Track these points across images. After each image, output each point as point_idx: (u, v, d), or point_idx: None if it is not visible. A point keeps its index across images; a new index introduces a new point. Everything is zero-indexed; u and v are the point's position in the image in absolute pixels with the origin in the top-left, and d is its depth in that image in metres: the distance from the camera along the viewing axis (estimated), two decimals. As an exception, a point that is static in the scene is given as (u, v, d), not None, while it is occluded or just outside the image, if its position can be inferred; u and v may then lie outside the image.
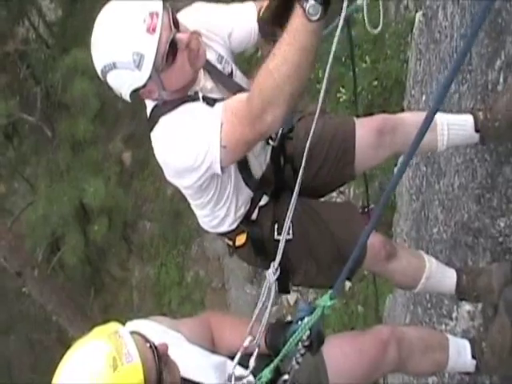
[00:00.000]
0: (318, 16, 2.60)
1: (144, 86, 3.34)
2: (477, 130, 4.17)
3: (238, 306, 14.46)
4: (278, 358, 3.11)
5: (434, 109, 1.95)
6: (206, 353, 3.41)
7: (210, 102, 3.46)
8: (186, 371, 3.06)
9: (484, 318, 4.79)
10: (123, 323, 2.94)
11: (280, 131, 3.78)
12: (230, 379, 3.24)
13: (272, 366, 3.15)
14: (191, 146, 3.30)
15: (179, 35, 3.30)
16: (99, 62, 3.37)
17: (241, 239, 3.91)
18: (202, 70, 3.56)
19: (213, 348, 3.53)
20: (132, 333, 2.81)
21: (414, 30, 6.77)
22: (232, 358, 3.33)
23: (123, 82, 3.36)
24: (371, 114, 4.34)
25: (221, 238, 4.13)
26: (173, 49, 3.28)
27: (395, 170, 6.93)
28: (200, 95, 3.47)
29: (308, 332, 2.98)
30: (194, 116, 3.36)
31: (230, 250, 4.07)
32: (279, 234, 3.80)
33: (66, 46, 17.58)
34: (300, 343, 3.04)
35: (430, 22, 6.01)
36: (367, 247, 3.83)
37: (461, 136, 4.21)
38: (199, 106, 3.43)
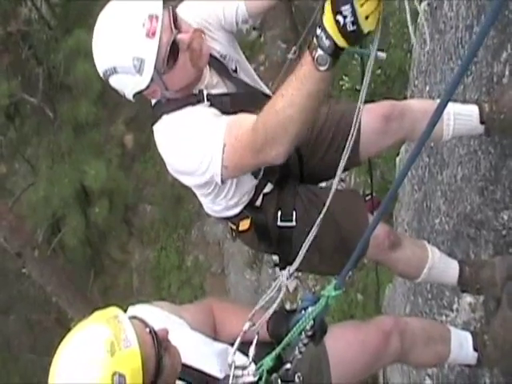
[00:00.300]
0: (326, 67, 2.58)
1: (146, 88, 3.36)
2: (482, 122, 4.16)
3: (238, 291, 14.49)
4: (280, 346, 3.11)
5: (444, 102, 1.94)
6: (208, 340, 3.41)
7: (216, 101, 3.48)
8: (187, 358, 3.05)
9: (485, 311, 4.79)
10: (123, 307, 2.93)
11: None
12: (230, 367, 3.24)
13: (274, 354, 3.16)
14: (195, 156, 3.31)
15: (180, 36, 3.30)
16: (100, 65, 3.39)
17: (244, 224, 3.90)
18: (207, 66, 3.55)
19: (214, 335, 3.53)
20: (132, 318, 2.81)
21: (418, 20, 6.75)
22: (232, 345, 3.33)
23: (125, 86, 3.38)
24: (373, 102, 4.31)
25: (224, 222, 4.13)
26: (174, 50, 3.28)
27: (397, 159, 6.93)
28: (205, 93, 3.48)
29: (311, 322, 2.99)
30: (198, 123, 3.36)
31: (233, 234, 4.06)
32: (282, 220, 3.82)
33: (68, 27, 17.56)
34: (303, 333, 3.05)
35: (435, 12, 5.97)
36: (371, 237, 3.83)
37: (466, 126, 4.19)
38: (204, 111, 3.43)
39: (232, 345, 3.30)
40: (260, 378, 3.19)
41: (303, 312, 3.06)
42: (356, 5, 2.38)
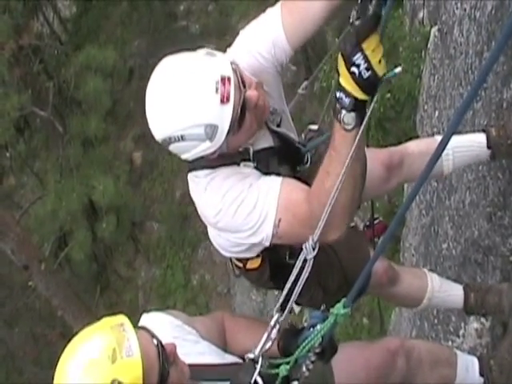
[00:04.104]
0: (353, 124, 2.62)
1: (213, 153, 3.14)
2: (488, 147, 4.20)
3: (243, 312, 14.35)
4: (293, 357, 3.12)
5: (441, 148, 2.01)
6: (220, 351, 3.44)
7: (262, 159, 3.33)
8: None
9: (492, 337, 4.79)
10: (131, 318, 2.95)
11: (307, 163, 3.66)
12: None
13: (291, 361, 3.16)
14: (246, 221, 3.19)
15: (248, 94, 3.08)
16: (162, 132, 3.10)
17: (254, 263, 3.68)
18: None
19: (225, 347, 3.54)
20: (140, 328, 2.85)
21: (428, 45, 6.75)
22: (243, 359, 3.29)
23: (189, 151, 3.13)
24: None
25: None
26: (243, 110, 3.08)
27: (405, 184, 6.92)
28: (251, 152, 3.31)
29: (320, 339, 3.01)
30: (249, 189, 3.18)
31: (237, 272, 3.91)
32: (290, 258, 3.61)
33: (79, 42, 17.71)
34: (311, 350, 3.06)
35: (445, 38, 5.99)
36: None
37: (467, 157, 4.24)
38: (252, 175, 3.26)
39: (242, 359, 3.32)
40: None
41: (312, 329, 3.09)
42: (367, 51, 2.48)
